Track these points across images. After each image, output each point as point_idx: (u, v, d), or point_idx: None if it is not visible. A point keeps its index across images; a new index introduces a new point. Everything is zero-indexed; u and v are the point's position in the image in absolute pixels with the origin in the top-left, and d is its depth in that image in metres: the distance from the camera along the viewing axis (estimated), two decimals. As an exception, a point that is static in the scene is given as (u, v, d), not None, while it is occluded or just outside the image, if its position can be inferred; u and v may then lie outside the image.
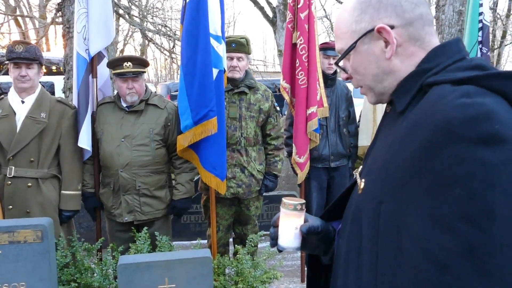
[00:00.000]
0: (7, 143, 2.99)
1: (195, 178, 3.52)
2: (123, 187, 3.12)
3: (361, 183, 1.05)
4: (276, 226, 1.22)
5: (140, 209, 3.14)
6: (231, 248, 3.86)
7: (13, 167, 2.99)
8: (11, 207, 2.99)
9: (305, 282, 3.77)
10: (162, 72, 32.15)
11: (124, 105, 3.20)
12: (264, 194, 3.73)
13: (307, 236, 1.19)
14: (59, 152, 3.13)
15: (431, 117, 0.85)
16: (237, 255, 2.98)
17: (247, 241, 3.15)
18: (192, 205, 4.92)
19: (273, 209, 5.35)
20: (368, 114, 3.86)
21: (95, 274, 2.77)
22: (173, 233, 3.45)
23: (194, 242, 3.06)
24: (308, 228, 1.17)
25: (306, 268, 3.85)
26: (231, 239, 3.88)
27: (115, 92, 3.39)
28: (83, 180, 3.24)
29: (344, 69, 1.13)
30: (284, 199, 1.20)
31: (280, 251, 1.24)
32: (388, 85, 1.03)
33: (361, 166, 1.17)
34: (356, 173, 1.14)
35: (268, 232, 3.38)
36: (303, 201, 1.20)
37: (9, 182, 2.99)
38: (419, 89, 0.96)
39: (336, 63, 1.14)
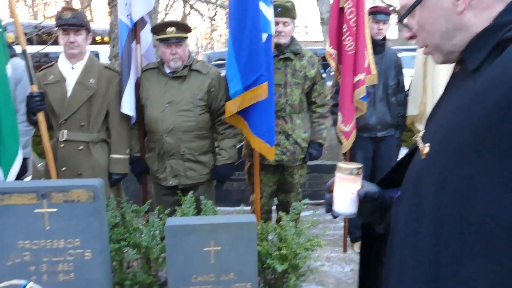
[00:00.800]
0: (59, 108, 3.09)
1: (238, 145, 3.52)
2: (168, 152, 3.18)
3: (425, 148, 0.98)
4: (331, 191, 1.18)
5: (185, 174, 3.19)
6: (274, 215, 3.89)
7: (65, 131, 3.10)
8: (64, 169, 3.12)
9: (347, 252, 3.77)
10: (203, 42, 32.17)
11: (168, 71, 3.22)
12: (308, 163, 3.69)
13: (363, 202, 1.15)
14: (108, 117, 3.20)
15: (509, 75, 0.78)
16: (281, 222, 2.99)
17: (290, 208, 3.15)
18: (234, 172, 4.99)
19: (316, 178, 5.32)
20: (419, 82, 3.70)
21: (143, 235, 2.85)
22: (215, 199, 3.49)
23: (237, 208, 3.08)
24: (365, 193, 1.13)
25: (348, 238, 3.84)
26: (274, 207, 3.90)
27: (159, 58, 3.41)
28: (130, 145, 3.31)
29: (408, 27, 1.05)
30: (339, 164, 1.16)
31: (335, 217, 1.21)
32: (458, 42, 0.95)
33: (422, 131, 1.11)
34: (418, 138, 1.08)
35: (311, 201, 3.36)
36: (360, 165, 1.15)
37: (62, 145, 3.11)
38: (496, 45, 0.88)
39: (400, 20, 1.06)
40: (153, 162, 3.28)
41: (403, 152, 5.72)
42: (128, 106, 3.19)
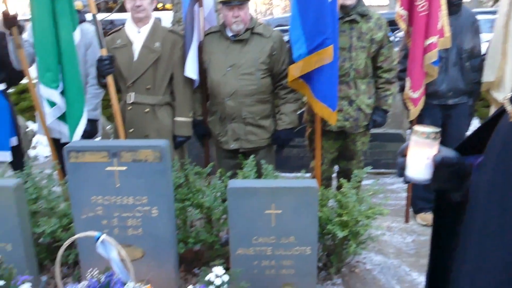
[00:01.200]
0: (126, 71, 3.18)
1: (300, 111, 3.47)
2: (229, 116, 3.20)
3: None
4: (404, 155, 1.13)
5: (245, 138, 3.21)
6: (334, 183, 3.85)
7: (132, 94, 3.20)
8: (131, 130, 3.24)
9: (409, 222, 3.66)
10: (262, 8, 31.74)
11: (230, 34, 3.20)
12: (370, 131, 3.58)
13: (439, 168, 1.09)
14: (172, 80, 3.26)
15: None
16: (342, 189, 2.95)
17: (352, 176, 3.09)
18: (294, 138, 4.96)
19: (378, 147, 5.17)
20: (498, 45, 3.41)
21: (205, 196, 2.93)
22: (275, 165, 3.50)
23: (297, 174, 3.07)
24: (442, 159, 1.07)
25: (411, 209, 3.73)
26: (334, 174, 3.85)
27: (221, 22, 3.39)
28: (193, 108, 3.37)
29: None
30: (416, 127, 1.10)
31: (407, 182, 1.16)
32: None
33: (510, 94, 1.01)
34: (506, 100, 0.99)
35: (372, 170, 3.26)
36: (438, 129, 1.09)
37: (129, 108, 3.23)
38: None
39: None
40: (215, 126, 3.33)
41: (475, 123, 5.41)
42: (191, 70, 3.22)
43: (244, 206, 2.48)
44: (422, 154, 1.08)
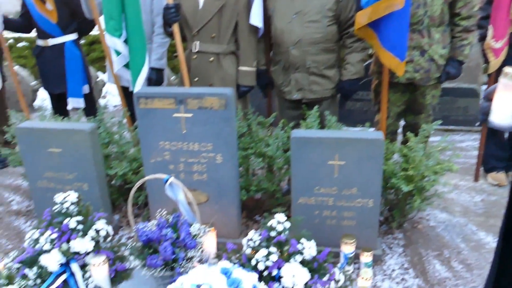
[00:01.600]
0: (192, 20, 3.19)
1: (365, 63, 3.33)
2: (293, 65, 3.14)
3: None
4: (490, 99, 1.05)
5: (309, 88, 3.15)
6: (399, 138, 3.72)
7: (198, 42, 3.21)
8: (196, 79, 3.29)
9: (478, 181, 3.49)
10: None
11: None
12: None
13: None
14: (237, 29, 3.23)
15: None
16: (408, 143, 2.85)
17: (419, 130, 2.97)
18: (359, 91, 4.82)
19: (448, 103, 4.90)
20: None
21: (268, 146, 2.95)
22: (338, 118, 3.43)
23: (360, 129, 2.99)
24: None
25: (481, 168, 3.54)
26: (400, 129, 3.71)
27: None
28: (257, 57, 3.34)
29: None
30: (506, 69, 1.01)
31: (489, 129, 1.09)
32: None
33: None
34: None
35: (441, 126, 3.08)
36: None
37: (195, 56, 3.26)
38: None
39: None
40: (278, 75, 3.29)
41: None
42: (256, 18, 3.16)
43: (307, 156, 2.47)
44: (510, 99, 1.00)
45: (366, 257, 2.48)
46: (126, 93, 3.72)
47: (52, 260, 2.44)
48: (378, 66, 3.30)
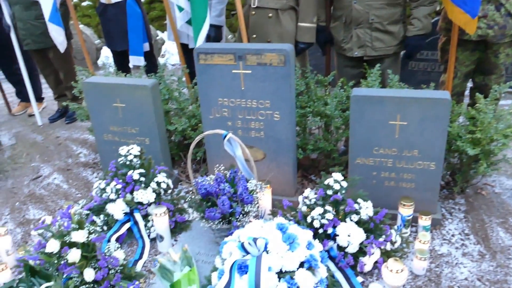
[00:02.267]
0: None
1: (432, 20, 3.13)
2: (355, 20, 3.01)
3: None
4: None
5: (371, 44, 3.02)
6: (465, 101, 3.53)
7: (257, -2, 3.15)
8: (254, 36, 3.25)
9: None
10: None
11: None
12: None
13: None
14: (296, -17, 3.13)
15: None
16: (476, 105, 2.69)
17: (491, 91, 2.78)
18: (423, 51, 4.58)
19: (522, 62, 4.54)
20: None
21: (326, 105, 2.90)
22: (399, 78, 3.28)
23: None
24: None
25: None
26: (467, 91, 3.51)
27: None
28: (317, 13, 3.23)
29: None
30: None
31: None
32: None
33: None
34: None
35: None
36: None
37: (253, 12, 3.21)
38: None
39: None
40: (339, 32, 3.17)
41: None
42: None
43: (367, 115, 2.40)
44: None
45: (424, 221, 2.42)
46: (185, 51, 3.76)
47: (117, 209, 2.59)
48: (446, 22, 3.10)
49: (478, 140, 2.56)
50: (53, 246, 2.03)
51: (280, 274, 1.87)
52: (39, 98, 5.04)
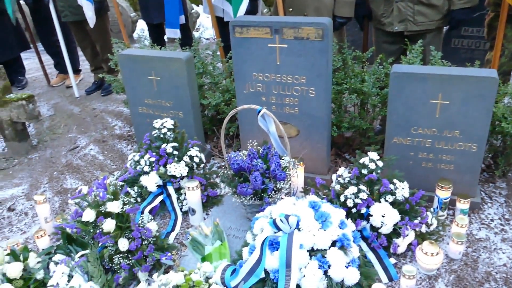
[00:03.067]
0: None
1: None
2: None
3: None
4: None
5: (413, 18, 2.89)
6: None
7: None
8: (290, 9, 3.17)
9: None
10: None
11: None
12: None
13: None
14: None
15: None
16: (524, 84, 2.55)
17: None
18: (467, 27, 4.36)
19: None
20: None
21: (364, 82, 2.81)
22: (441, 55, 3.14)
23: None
24: None
25: None
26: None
27: None
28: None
29: None
30: None
31: None
32: None
33: None
34: None
35: None
36: None
37: (290, -15, 3.12)
38: None
39: None
40: (379, 5, 3.04)
41: None
42: None
43: (407, 93, 2.31)
44: None
45: (463, 204, 2.34)
46: (220, 24, 3.72)
47: (150, 181, 2.62)
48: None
49: (524, 122, 2.44)
50: (89, 215, 2.08)
51: (312, 252, 1.86)
52: (77, 70, 5.13)
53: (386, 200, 2.17)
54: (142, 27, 6.93)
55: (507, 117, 2.50)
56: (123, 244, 2.09)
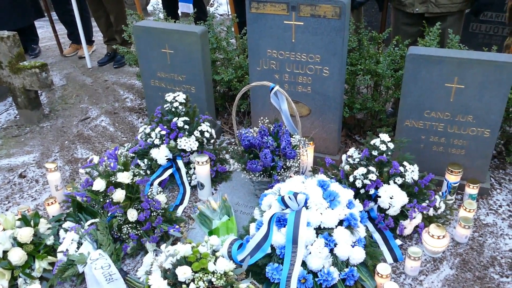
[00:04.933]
0: None
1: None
2: None
3: None
4: None
5: (435, 0, 2.82)
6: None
7: None
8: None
9: None
10: None
11: None
12: None
13: None
14: None
15: None
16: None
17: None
18: (486, 12, 4.26)
19: None
20: None
21: (378, 63, 2.77)
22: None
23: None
24: None
25: None
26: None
27: None
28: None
29: None
30: None
31: None
32: None
33: None
34: None
35: None
36: None
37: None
38: None
39: None
40: (400, -14, 2.98)
41: None
42: None
43: (422, 75, 2.28)
44: None
45: (472, 189, 2.34)
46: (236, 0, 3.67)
47: (161, 154, 2.64)
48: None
49: (540, 110, 2.40)
50: (99, 184, 2.10)
51: (319, 230, 1.87)
52: (90, 41, 5.12)
53: (395, 182, 2.17)
54: (156, 0, 6.86)
55: (523, 104, 2.47)
56: (132, 214, 2.12)
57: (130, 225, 2.14)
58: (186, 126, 2.67)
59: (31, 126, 3.60)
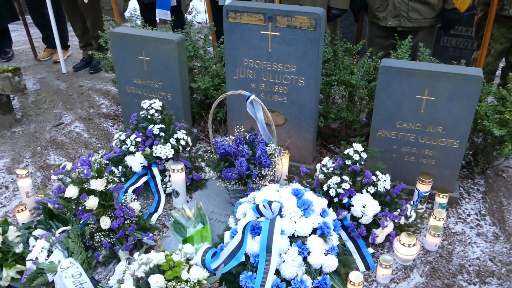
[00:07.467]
0: None
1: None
2: None
3: None
4: None
5: (407, 15, 2.91)
6: (496, 81, 3.41)
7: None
8: (285, -3, 3.15)
9: None
10: None
11: None
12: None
13: None
14: None
15: None
16: (508, 85, 2.59)
17: (525, 72, 2.68)
18: (457, 26, 4.40)
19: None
20: None
21: (353, 74, 2.83)
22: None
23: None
24: None
25: None
26: (498, 71, 3.38)
27: None
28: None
29: None
30: None
31: None
32: None
33: None
34: None
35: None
36: None
37: (286, -28, 3.10)
38: None
39: None
40: None
41: None
42: None
43: (394, 87, 2.35)
44: None
45: (441, 198, 2.40)
46: (215, 8, 3.69)
47: (135, 162, 2.62)
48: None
49: (506, 121, 2.49)
50: (72, 191, 2.07)
51: (293, 238, 1.89)
52: (65, 46, 5.05)
53: (367, 191, 2.21)
54: (134, 6, 6.82)
55: (489, 115, 2.55)
56: (105, 222, 2.10)
57: (102, 233, 2.11)
58: (162, 134, 2.66)
59: (2, 131, 3.52)
